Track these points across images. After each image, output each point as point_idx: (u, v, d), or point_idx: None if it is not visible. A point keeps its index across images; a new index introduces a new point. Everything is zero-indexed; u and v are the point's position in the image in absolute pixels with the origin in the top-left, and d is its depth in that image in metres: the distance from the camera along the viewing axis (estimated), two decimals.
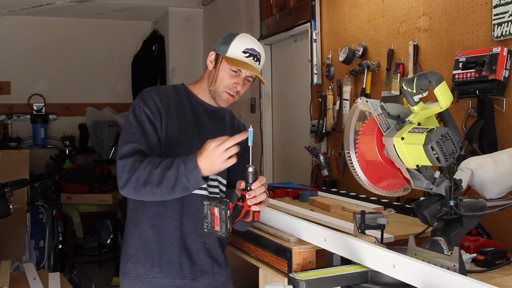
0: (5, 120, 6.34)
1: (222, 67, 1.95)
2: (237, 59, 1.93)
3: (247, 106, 5.05)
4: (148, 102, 1.93)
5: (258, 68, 1.97)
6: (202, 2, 6.15)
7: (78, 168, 5.40)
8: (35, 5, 5.80)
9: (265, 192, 1.73)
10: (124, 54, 6.81)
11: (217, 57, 1.97)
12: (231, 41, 1.95)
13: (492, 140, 2.26)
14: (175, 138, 1.94)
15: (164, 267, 1.95)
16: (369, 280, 1.58)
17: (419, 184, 1.58)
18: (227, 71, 1.94)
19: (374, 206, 2.50)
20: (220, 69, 1.95)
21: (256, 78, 1.98)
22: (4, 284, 2.76)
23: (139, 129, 1.89)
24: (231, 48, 1.94)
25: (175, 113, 1.97)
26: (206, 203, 1.68)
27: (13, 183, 3.20)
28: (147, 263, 1.95)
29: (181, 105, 2.00)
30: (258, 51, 1.96)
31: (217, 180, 2.03)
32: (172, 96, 2.00)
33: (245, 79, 1.96)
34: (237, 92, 1.96)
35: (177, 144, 1.93)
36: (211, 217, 1.67)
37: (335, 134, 3.51)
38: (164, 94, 1.99)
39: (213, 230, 1.67)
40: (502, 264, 1.75)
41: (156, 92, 1.99)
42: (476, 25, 2.38)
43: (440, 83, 1.49)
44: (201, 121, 2.02)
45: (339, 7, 3.47)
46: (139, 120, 1.90)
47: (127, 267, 1.98)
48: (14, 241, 4.61)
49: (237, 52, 1.93)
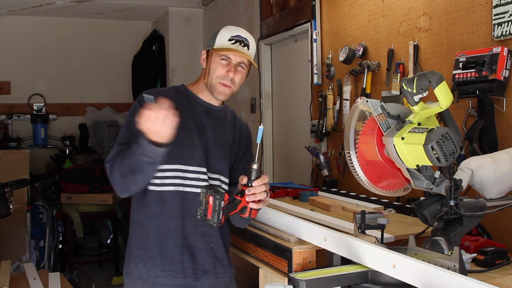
0: (5, 120, 6.34)
1: (212, 59, 1.98)
2: (224, 47, 1.95)
3: (247, 106, 5.05)
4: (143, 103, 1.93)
5: (247, 53, 1.98)
6: (202, 2, 6.15)
7: (78, 168, 5.40)
8: (35, 5, 5.80)
9: (266, 191, 1.73)
10: (124, 54, 6.80)
11: (208, 53, 2.01)
12: (217, 34, 2.00)
13: (492, 140, 2.26)
14: (174, 139, 1.92)
15: (165, 266, 1.95)
16: (369, 280, 1.58)
17: (419, 184, 1.58)
18: (217, 62, 1.96)
19: (374, 206, 2.50)
20: (211, 62, 1.98)
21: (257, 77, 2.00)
22: (4, 284, 2.76)
23: (127, 130, 1.94)
24: (217, 40, 1.98)
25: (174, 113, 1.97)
26: (203, 191, 1.69)
27: (13, 183, 3.20)
28: (148, 263, 1.96)
29: (181, 106, 1.99)
30: (244, 37, 1.99)
31: (219, 180, 2.04)
32: (171, 97, 1.99)
33: (237, 66, 1.98)
34: (231, 80, 1.97)
35: (176, 144, 1.92)
36: (205, 205, 1.67)
37: (335, 134, 3.51)
38: (163, 95, 1.97)
39: (205, 218, 1.67)
40: (502, 264, 1.75)
41: (154, 93, 1.99)
42: (476, 25, 2.38)
43: (440, 83, 1.49)
44: (201, 121, 2.02)
45: (339, 7, 3.47)
46: (130, 122, 1.92)
47: (130, 267, 2.00)
48: (14, 241, 4.61)
49: (223, 42, 1.96)
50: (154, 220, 1.97)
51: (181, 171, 1.95)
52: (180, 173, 1.94)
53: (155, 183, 1.94)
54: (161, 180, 1.94)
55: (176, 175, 1.95)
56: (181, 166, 1.95)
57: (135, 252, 1.99)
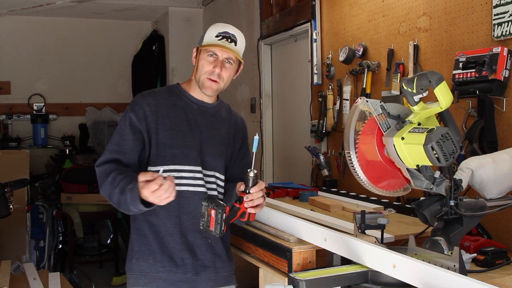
0: (5, 120, 6.34)
1: (200, 56, 2.02)
2: (210, 43, 1.99)
3: (247, 106, 5.05)
4: (135, 108, 2.01)
5: (234, 48, 2.01)
6: (202, 2, 6.15)
7: (78, 168, 5.40)
8: (35, 5, 5.80)
9: (263, 196, 1.80)
10: (124, 54, 6.80)
11: (197, 50, 2.05)
12: (205, 32, 2.04)
13: (492, 140, 2.26)
14: (167, 140, 2.00)
15: (166, 262, 2.00)
16: (369, 280, 1.58)
17: (419, 184, 1.58)
18: (205, 58, 2.00)
19: (374, 206, 2.50)
20: (200, 59, 2.02)
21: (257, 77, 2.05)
22: (4, 284, 2.76)
23: (119, 137, 1.99)
24: (205, 37, 2.02)
25: (167, 114, 2.02)
26: (205, 204, 1.75)
27: (13, 183, 3.20)
28: (150, 258, 2.01)
29: (173, 106, 2.06)
30: (231, 33, 2.02)
31: (214, 176, 2.07)
32: (164, 98, 2.07)
33: (224, 62, 2.01)
34: (218, 76, 2.00)
35: (170, 145, 1.99)
36: (208, 217, 1.73)
37: (335, 134, 3.51)
38: (157, 97, 2.06)
39: (208, 229, 1.74)
40: (502, 264, 1.75)
41: (147, 96, 2.06)
42: (476, 25, 2.38)
43: (440, 83, 1.49)
44: (195, 120, 2.06)
45: (339, 7, 3.47)
46: (121, 127, 2.00)
47: (132, 262, 2.05)
48: (14, 241, 4.61)
49: (211, 39, 2.01)
50: (153, 218, 2.01)
51: (176, 171, 1.98)
52: (175, 173, 1.97)
53: None
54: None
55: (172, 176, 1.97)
56: (176, 166, 1.99)
57: (137, 248, 2.04)
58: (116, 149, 1.97)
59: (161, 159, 1.98)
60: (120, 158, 1.96)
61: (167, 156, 1.97)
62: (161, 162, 1.97)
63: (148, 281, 2.01)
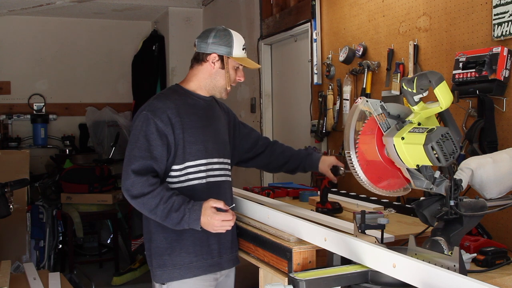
0: (5, 120, 6.33)
1: (230, 66, 2.18)
2: (241, 57, 2.20)
3: (247, 106, 5.05)
4: (157, 113, 2.09)
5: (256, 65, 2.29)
6: (202, 2, 6.15)
7: (78, 168, 5.40)
8: (35, 5, 5.80)
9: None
10: (124, 54, 6.80)
11: (221, 57, 2.17)
12: (231, 42, 2.16)
13: (492, 140, 2.26)
14: (191, 137, 2.13)
15: (198, 251, 2.14)
16: (369, 280, 1.58)
17: (419, 184, 1.58)
18: (233, 69, 2.20)
19: (374, 206, 2.50)
20: (229, 68, 2.18)
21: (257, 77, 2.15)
22: (4, 284, 2.76)
23: (144, 141, 2.05)
24: (235, 49, 2.17)
25: (186, 113, 2.14)
26: None
27: (13, 183, 3.20)
28: (182, 252, 2.12)
29: (187, 105, 2.19)
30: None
31: (228, 163, 2.27)
32: (177, 99, 2.18)
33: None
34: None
35: (194, 142, 2.13)
36: None
37: (335, 134, 3.51)
38: (171, 99, 2.16)
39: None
40: (502, 264, 1.75)
41: (163, 99, 2.16)
42: (476, 25, 2.38)
43: (440, 83, 1.49)
44: (205, 114, 2.21)
45: (339, 7, 3.47)
46: (147, 132, 2.06)
47: (163, 259, 2.13)
48: (14, 241, 4.61)
49: (239, 52, 2.19)
50: None
51: (203, 165, 2.15)
52: (202, 167, 2.14)
53: (181, 180, 2.12)
54: (186, 177, 2.12)
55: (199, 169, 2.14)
56: (201, 160, 2.14)
57: (167, 245, 2.13)
58: (147, 154, 2.04)
59: (187, 156, 2.11)
60: (153, 164, 2.04)
61: (193, 152, 2.12)
62: (188, 158, 2.11)
63: (184, 273, 2.12)
